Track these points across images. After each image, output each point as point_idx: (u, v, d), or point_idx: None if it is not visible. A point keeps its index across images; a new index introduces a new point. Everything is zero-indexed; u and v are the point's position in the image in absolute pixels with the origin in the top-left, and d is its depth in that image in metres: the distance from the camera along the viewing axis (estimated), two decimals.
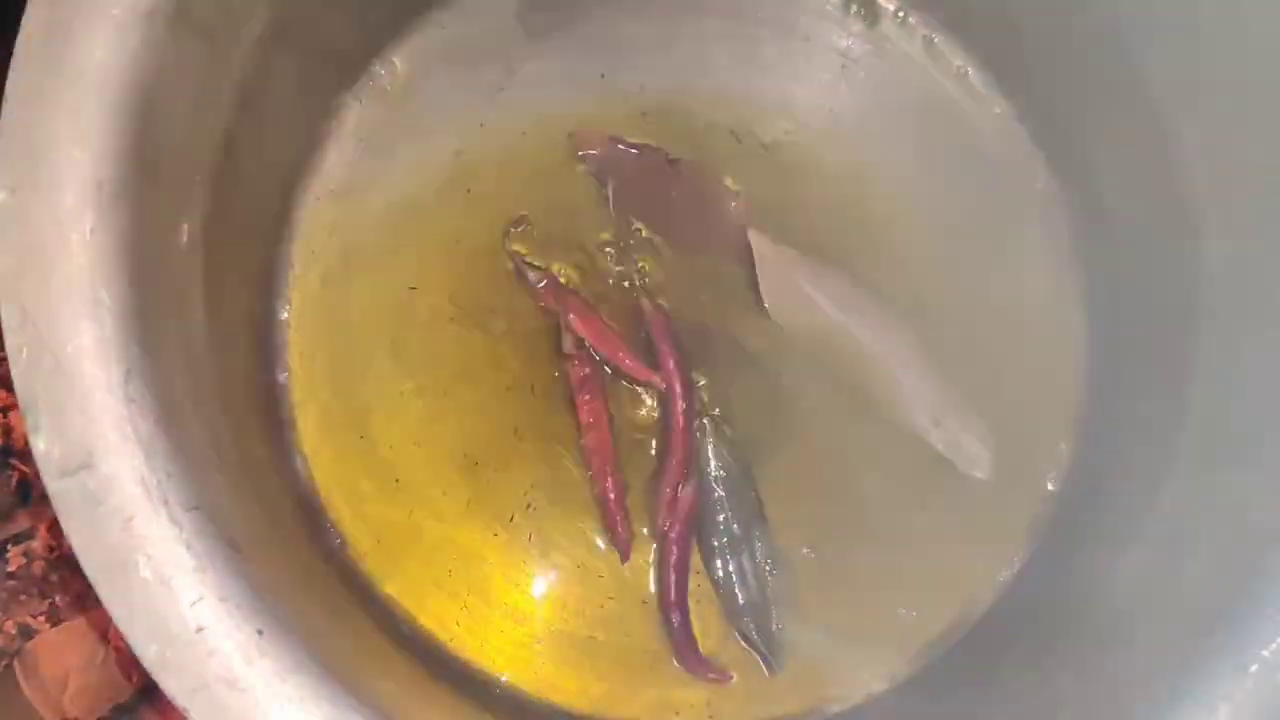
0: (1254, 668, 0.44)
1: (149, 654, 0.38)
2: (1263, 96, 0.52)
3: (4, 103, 0.40)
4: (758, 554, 0.60)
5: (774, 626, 0.59)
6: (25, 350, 0.39)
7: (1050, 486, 0.62)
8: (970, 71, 0.65)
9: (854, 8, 0.65)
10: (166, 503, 0.39)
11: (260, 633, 0.39)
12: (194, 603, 0.39)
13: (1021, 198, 0.65)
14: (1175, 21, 0.54)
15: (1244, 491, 0.50)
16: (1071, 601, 0.56)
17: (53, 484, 0.39)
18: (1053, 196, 0.64)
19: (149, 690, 0.61)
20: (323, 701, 0.40)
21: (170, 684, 0.38)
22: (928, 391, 0.61)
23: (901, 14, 0.65)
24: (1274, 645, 0.44)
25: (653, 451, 0.61)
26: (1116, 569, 0.55)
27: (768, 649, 0.59)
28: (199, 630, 0.39)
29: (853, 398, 0.61)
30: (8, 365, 0.62)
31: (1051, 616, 0.57)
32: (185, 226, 0.48)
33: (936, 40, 0.65)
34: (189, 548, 0.39)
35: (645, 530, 0.60)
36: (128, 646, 0.38)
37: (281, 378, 0.60)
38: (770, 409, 0.61)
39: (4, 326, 0.39)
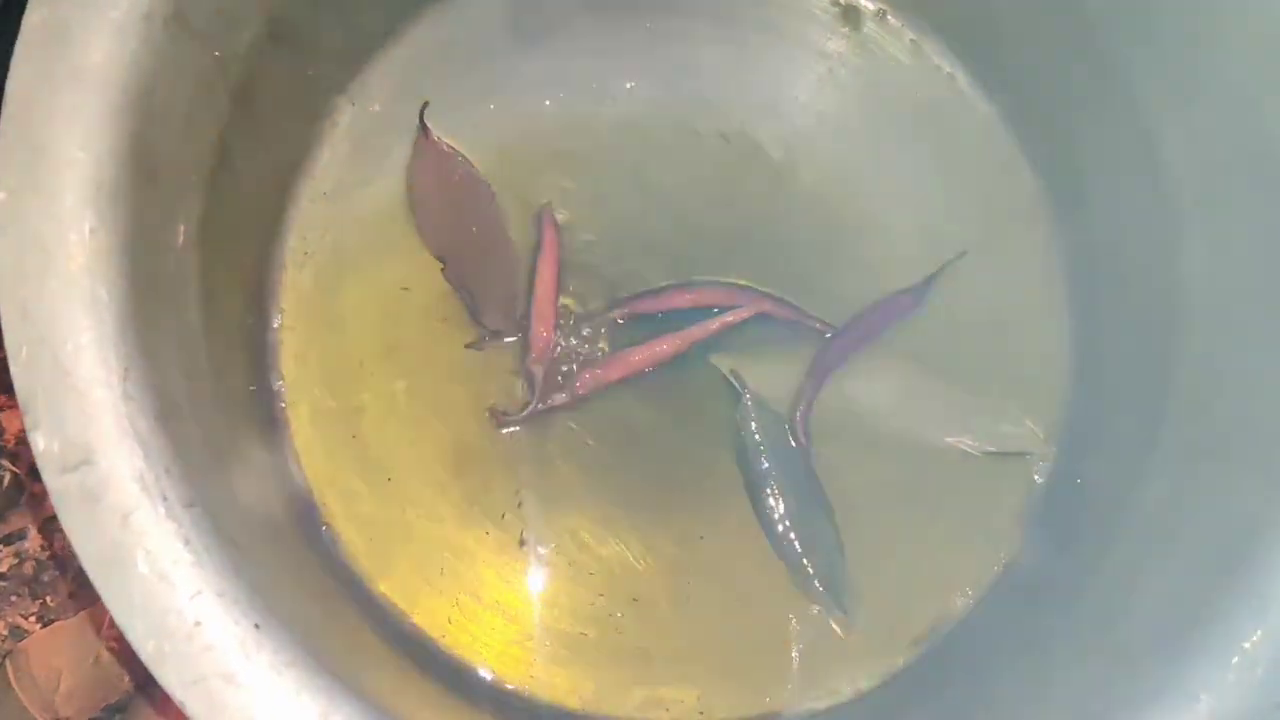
0: (1235, 659, 0.44)
1: (147, 648, 0.38)
2: (1243, 98, 0.52)
3: (4, 103, 0.40)
4: (811, 512, 0.61)
5: (840, 575, 0.60)
6: (25, 348, 0.39)
7: (1037, 479, 0.63)
8: (956, 74, 0.66)
9: (840, 11, 0.65)
10: (165, 499, 0.39)
11: (257, 627, 0.40)
12: (192, 597, 0.39)
13: (1006, 198, 0.65)
14: (1158, 22, 0.55)
15: (1225, 486, 0.51)
16: (1058, 594, 0.57)
17: (52, 480, 0.39)
18: (1037, 197, 0.65)
19: (146, 685, 0.61)
20: (319, 695, 0.40)
21: (168, 678, 0.38)
22: (943, 404, 0.63)
23: (887, 17, 0.66)
24: (1254, 637, 0.44)
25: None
26: (1102, 563, 0.56)
27: (837, 598, 0.60)
28: (197, 624, 0.39)
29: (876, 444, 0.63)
30: None
31: (1039, 609, 0.58)
32: (181, 227, 0.48)
33: (922, 43, 0.66)
34: (187, 543, 0.39)
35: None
36: (122, 644, 0.38)
37: (274, 377, 0.60)
38: None
39: (4, 325, 0.39)
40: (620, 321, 0.62)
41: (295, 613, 0.43)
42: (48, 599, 0.63)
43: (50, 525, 0.63)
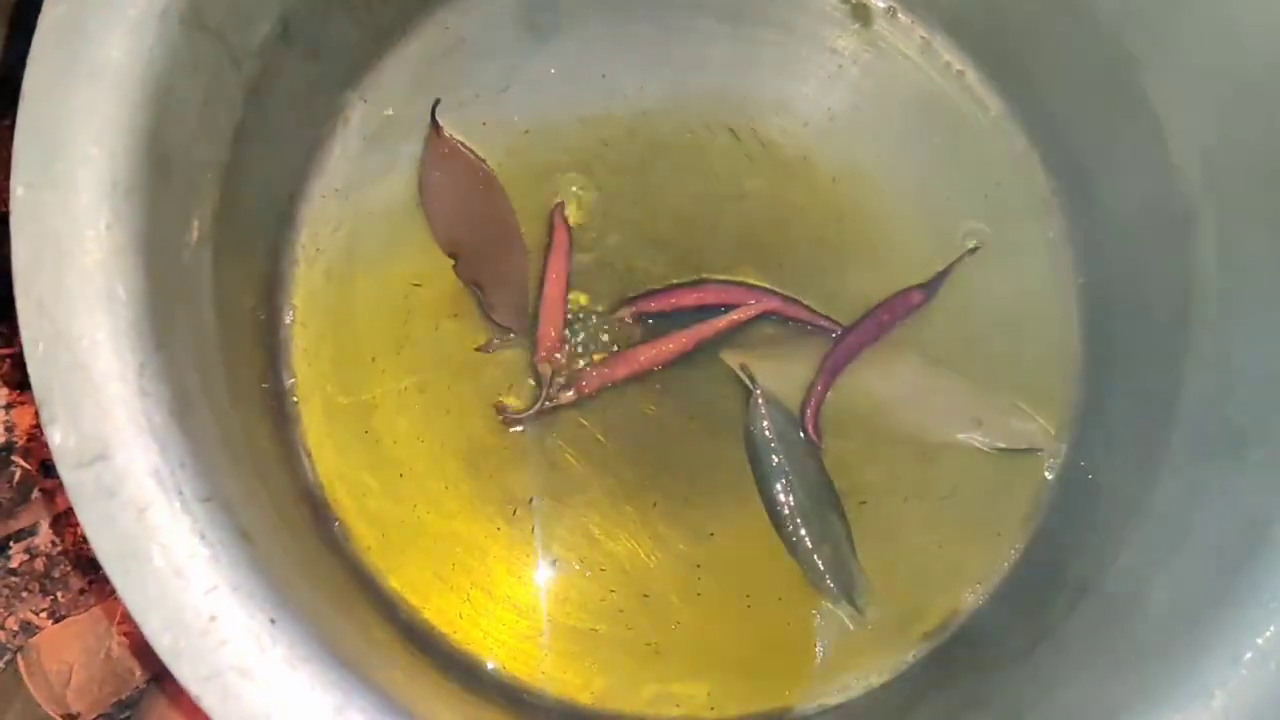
0: (1248, 655, 0.44)
1: (163, 642, 0.38)
2: (1255, 94, 0.52)
3: (21, 100, 0.40)
4: (822, 507, 0.61)
5: (851, 570, 0.60)
6: (41, 344, 0.39)
7: (1048, 476, 0.63)
8: (966, 71, 0.66)
9: (850, 8, 0.65)
10: (180, 493, 0.39)
11: (273, 621, 0.40)
12: (207, 592, 0.39)
13: (1016, 195, 0.65)
14: (1169, 19, 0.55)
15: (1237, 483, 0.51)
16: (1069, 590, 0.57)
17: (68, 475, 0.39)
18: (1048, 193, 0.65)
19: (161, 678, 0.61)
20: (334, 689, 0.40)
21: (184, 672, 0.38)
22: (953, 401, 0.63)
23: (897, 14, 0.66)
24: (1268, 634, 0.44)
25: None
26: (1113, 559, 0.55)
27: (848, 593, 0.60)
28: (212, 619, 0.39)
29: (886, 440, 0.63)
30: (9, 363, 0.62)
31: (1049, 605, 0.58)
32: (195, 223, 0.48)
33: (933, 40, 0.66)
34: (202, 538, 0.39)
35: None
36: (134, 639, 0.38)
37: (286, 373, 0.60)
38: None
39: (21, 320, 0.39)
40: (629, 320, 0.62)
41: (309, 607, 0.43)
42: (59, 595, 0.63)
43: (61, 521, 0.63)
